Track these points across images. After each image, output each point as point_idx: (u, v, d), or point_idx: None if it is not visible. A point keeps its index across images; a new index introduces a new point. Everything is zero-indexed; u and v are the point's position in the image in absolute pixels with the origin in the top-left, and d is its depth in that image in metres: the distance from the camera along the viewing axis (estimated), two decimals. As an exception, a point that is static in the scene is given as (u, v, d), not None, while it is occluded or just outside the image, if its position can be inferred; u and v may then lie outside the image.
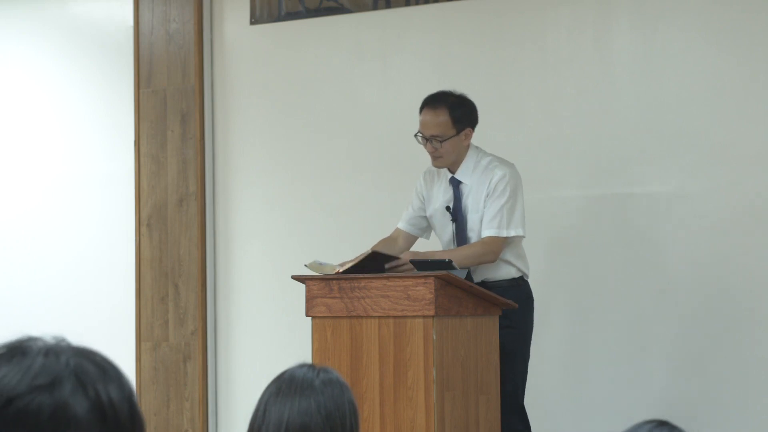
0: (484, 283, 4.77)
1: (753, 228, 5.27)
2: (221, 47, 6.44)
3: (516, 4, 5.74)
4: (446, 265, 4.57)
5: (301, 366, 2.47)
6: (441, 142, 4.82)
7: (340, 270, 4.60)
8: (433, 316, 4.34)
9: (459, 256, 4.68)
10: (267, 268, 6.25)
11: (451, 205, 4.87)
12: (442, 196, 4.93)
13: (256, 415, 2.42)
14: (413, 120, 5.27)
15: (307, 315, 4.64)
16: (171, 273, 6.41)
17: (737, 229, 5.29)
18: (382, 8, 6.02)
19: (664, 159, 5.42)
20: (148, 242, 6.47)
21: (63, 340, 1.28)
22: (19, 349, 1.24)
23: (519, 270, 4.86)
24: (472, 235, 4.83)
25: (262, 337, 6.23)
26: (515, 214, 4.80)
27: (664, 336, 5.39)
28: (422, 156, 5.87)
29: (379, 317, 4.46)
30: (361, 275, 4.63)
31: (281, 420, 2.37)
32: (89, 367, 1.24)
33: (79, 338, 1.30)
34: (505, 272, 4.81)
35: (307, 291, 4.64)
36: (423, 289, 4.37)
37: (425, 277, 4.40)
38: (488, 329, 4.66)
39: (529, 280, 4.90)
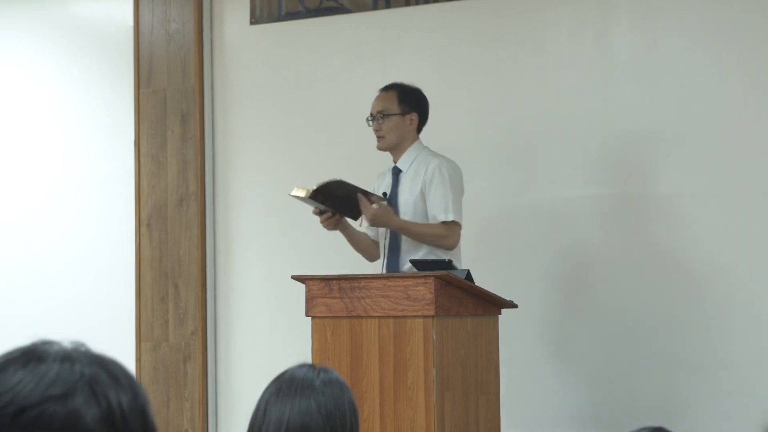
0: None
1: (753, 228, 5.27)
2: (221, 47, 6.44)
3: (516, 4, 5.74)
4: (446, 265, 4.57)
5: (302, 366, 2.47)
6: (384, 117, 4.98)
7: (313, 189, 4.74)
8: (433, 316, 4.34)
9: (420, 230, 4.83)
10: (267, 268, 6.25)
11: (388, 192, 4.98)
12: (383, 186, 5.06)
13: (256, 415, 2.42)
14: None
15: (307, 315, 4.65)
16: (171, 273, 6.41)
17: (737, 229, 5.29)
18: (382, 8, 6.02)
19: (664, 159, 5.42)
20: (148, 242, 6.47)
21: (82, 345, 1.27)
22: (35, 354, 1.23)
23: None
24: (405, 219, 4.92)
25: (262, 337, 6.23)
26: (457, 202, 4.89)
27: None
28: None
29: (379, 317, 4.46)
30: (361, 275, 4.63)
31: (281, 420, 2.37)
32: (103, 376, 1.23)
33: (79, 338, 1.29)
34: None
35: (307, 291, 4.64)
36: (423, 289, 4.37)
37: (425, 277, 4.41)
38: (488, 329, 4.66)
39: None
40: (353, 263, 5.30)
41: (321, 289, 4.59)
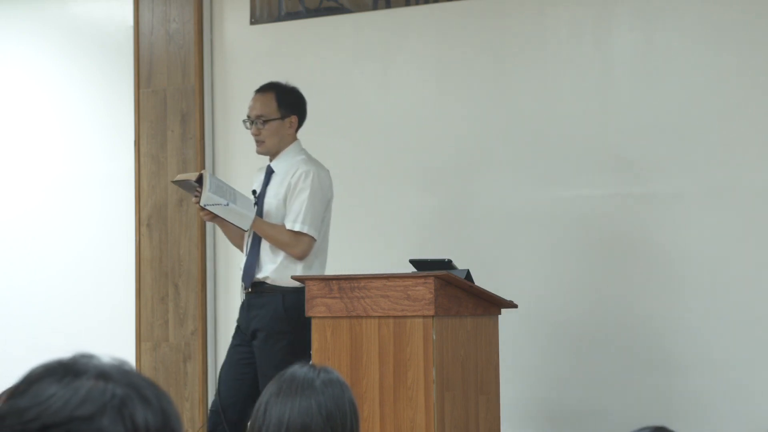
0: (263, 284, 4.89)
1: (753, 228, 5.27)
2: (221, 47, 6.44)
3: (516, 4, 5.74)
4: (446, 265, 4.58)
5: (302, 366, 2.47)
6: (264, 122, 4.99)
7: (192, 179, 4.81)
8: (433, 316, 4.35)
9: (268, 231, 4.87)
10: (267, 268, 6.24)
11: (258, 190, 5.01)
12: (256, 183, 5.09)
13: (256, 415, 2.42)
14: (413, 120, 5.29)
15: (306, 315, 4.65)
16: (171, 273, 6.41)
17: (736, 230, 5.29)
18: (382, 8, 6.02)
19: (664, 159, 5.42)
20: (148, 242, 6.47)
21: (124, 363, 1.26)
22: (73, 369, 1.23)
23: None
24: (267, 220, 4.96)
25: (262, 337, 6.23)
26: (311, 213, 4.88)
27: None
28: (422, 155, 5.89)
29: (379, 317, 4.46)
30: (361, 275, 4.63)
31: (282, 420, 2.37)
32: (134, 398, 1.22)
33: (79, 338, 1.29)
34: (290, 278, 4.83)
35: (307, 291, 4.64)
36: (423, 289, 4.38)
37: (425, 277, 4.41)
38: (488, 329, 4.66)
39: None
40: (353, 263, 5.30)
41: (321, 289, 4.60)
